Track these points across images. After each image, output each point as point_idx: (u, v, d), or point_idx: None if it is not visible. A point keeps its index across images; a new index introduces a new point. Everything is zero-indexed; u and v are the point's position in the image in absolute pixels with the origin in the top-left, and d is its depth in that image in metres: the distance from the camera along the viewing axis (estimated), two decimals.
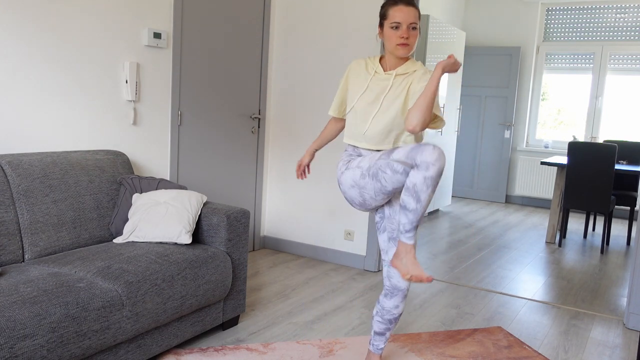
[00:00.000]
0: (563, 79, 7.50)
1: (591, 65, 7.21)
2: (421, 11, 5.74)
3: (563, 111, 7.62)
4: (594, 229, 6.14)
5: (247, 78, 4.18)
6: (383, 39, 2.23)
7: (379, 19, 2.25)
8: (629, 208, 6.07)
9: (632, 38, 6.93)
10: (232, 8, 3.94)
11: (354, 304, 3.43)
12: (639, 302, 3.24)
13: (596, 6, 7.08)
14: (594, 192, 4.99)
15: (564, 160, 5.48)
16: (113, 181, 2.89)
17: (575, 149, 5.01)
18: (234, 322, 2.98)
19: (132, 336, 2.26)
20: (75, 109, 2.99)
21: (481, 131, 7.66)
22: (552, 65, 7.49)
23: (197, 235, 2.86)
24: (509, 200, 7.74)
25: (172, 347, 2.62)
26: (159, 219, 2.65)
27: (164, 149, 3.55)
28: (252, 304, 3.32)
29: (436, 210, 6.80)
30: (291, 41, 4.33)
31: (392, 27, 2.17)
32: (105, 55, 3.10)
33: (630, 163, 5.62)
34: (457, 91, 6.77)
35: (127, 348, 2.29)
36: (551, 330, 3.20)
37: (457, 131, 6.91)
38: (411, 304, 3.48)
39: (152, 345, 2.43)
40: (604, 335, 3.17)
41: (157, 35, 3.35)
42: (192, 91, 3.71)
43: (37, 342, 1.86)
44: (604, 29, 7.08)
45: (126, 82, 3.22)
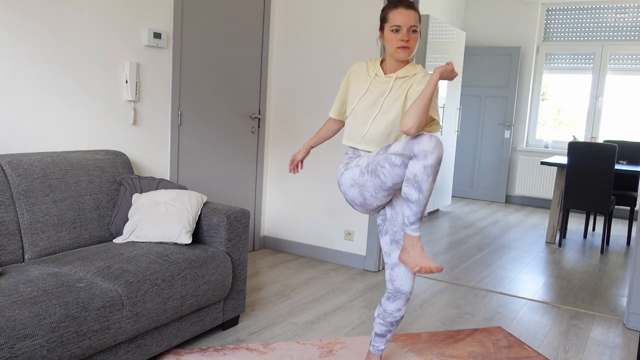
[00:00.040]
0: (563, 79, 7.50)
1: (591, 65, 7.21)
2: (421, 11, 5.74)
3: (563, 111, 7.62)
4: (594, 229, 6.14)
5: (247, 78, 4.18)
6: (384, 42, 2.23)
7: (380, 22, 2.25)
8: (629, 208, 6.07)
9: (632, 38, 6.93)
10: (232, 8, 3.94)
11: (354, 304, 3.43)
12: (639, 302, 3.24)
13: (596, 6, 7.08)
14: (594, 192, 4.99)
15: (564, 160, 5.48)
16: (113, 181, 2.89)
17: (575, 149, 5.01)
18: (234, 322, 2.98)
19: (132, 336, 2.27)
20: (75, 109, 2.99)
21: (481, 131, 7.67)
22: (552, 65, 7.49)
23: (197, 235, 2.86)
24: (509, 200, 7.74)
25: (172, 347, 2.62)
26: (159, 219, 2.66)
27: (164, 149, 3.55)
28: (252, 304, 3.32)
29: (436, 210, 6.80)
30: (291, 41, 4.34)
31: (392, 30, 2.17)
32: (105, 55, 3.10)
33: (630, 163, 5.62)
34: (457, 91, 6.77)
35: (127, 348, 2.29)
36: (551, 330, 3.20)
37: (457, 131, 6.91)
38: (411, 304, 3.48)
39: (152, 345, 2.43)
40: (604, 335, 3.17)
41: (157, 35, 3.35)
42: (192, 91, 3.71)
43: (37, 342, 1.86)
44: (604, 29, 7.08)
45: (126, 82, 3.22)
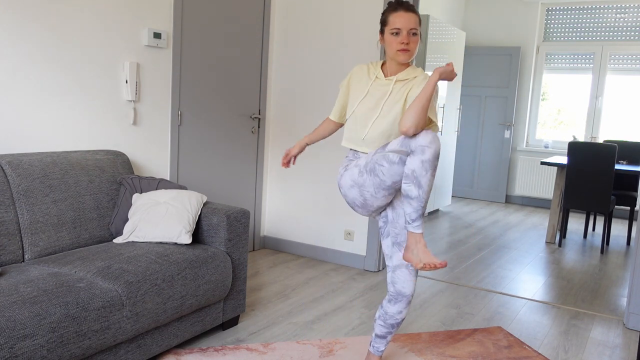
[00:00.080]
0: (563, 79, 7.50)
1: (591, 65, 7.21)
2: (421, 11, 5.74)
3: (563, 111, 7.62)
4: (594, 229, 6.14)
5: (247, 78, 4.18)
6: (384, 45, 2.24)
7: (380, 25, 2.26)
8: (629, 208, 6.07)
9: (632, 38, 6.93)
10: (232, 8, 3.94)
11: (354, 304, 3.43)
12: (639, 302, 3.24)
13: (596, 6, 7.08)
14: (594, 192, 4.99)
15: (564, 160, 5.48)
16: (113, 181, 2.89)
17: (575, 149, 5.01)
18: (234, 322, 2.98)
19: (132, 336, 2.27)
20: (75, 109, 2.99)
21: (481, 131, 7.67)
22: (552, 65, 7.49)
23: (197, 235, 2.86)
24: (509, 200, 7.74)
25: (172, 347, 2.62)
26: (159, 219, 2.66)
27: (164, 149, 3.55)
28: (252, 304, 3.32)
29: (436, 210, 6.80)
30: (291, 41, 4.34)
31: (392, 33, 2.18)
32: (105, 55, 3.10)
33: (630, 163, 5.62)
34: (457, 91, 6.77)
35: (127, 348, 2.29)
36: (551, 330, 3.20)
37: (457, 131, 6.91)
38: (411, 304, 3.48)
39: (152, 345, 2.43)
40: (604, 335, 3.17)
41: (157, 35, 3.35)
42: (192, 91, 3.71)
43: (37, 342, 1.86)
44: (604, 29, 7.08)
45: (126, 82, 3.22)
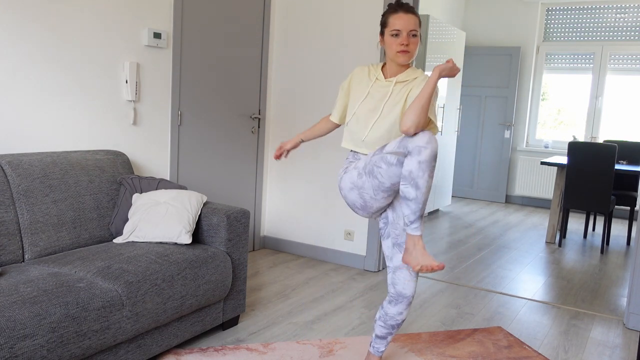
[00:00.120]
0: (563, 79, 7.50)
1: (591, 65, 7.21)
2: (421, 11, 5.74)
3: (563, 111, 7.62)
4: (594, 229, 6.14)
5: (247, 78, 4.18)
6: (384, 47, 2.25)
7: (380, 27, 2.26)
8: (629, 208, 6.07)
9: (632, 38, 6.93)
10: (232, 8, 3.94)
11: (354, 304, 3.43)
12: (639, 302, 3.24)
13: (596, 6, 7.08)
14: (594, 192, 4.99)
15: (564, 160, 5.48)
16: (113, 181, 2.89)
17: (575, 149, 5.01)
18: (234, 322, 2.98)
19: (132, 336, 2.27)
20: (75, 109, 2.99)
21: (481, 131, 7.66)
22: (552, 65, 7.49)
23: (197, 235, 2.86)
24: (509, 200, 7.74)
25: (172, 347, 2.62)
26: (159, 219, 2.66)
27: (164, 149, 3.55)
28: (252, 304, 3.32)
29: (436, 210, 6.80)
30: (291, 41, 4.34)
31: (392, 35, 2.19)
32: (105, 55, 3.10)
33: (630, 163, 5.62)
34: (457, 91, 6.77)
35: (127, 348, 2.29)
36: (551, 330, 3.20)
37: (457, 131, 6.91)
38: (411, 305, 3.48)
39: (152, 345, 2.43)
40: (604, 335, 3.17)
41: (157, 35, 3.35)
42: (192, 91, 3.71)
43: (37, 342, 1.86)
44: (604, 29, 7.08)
45: (126, 82, 3.22)
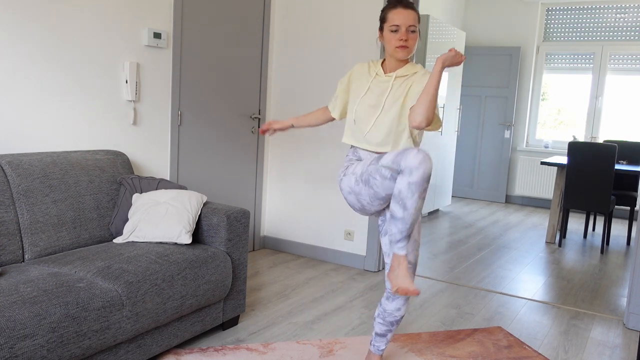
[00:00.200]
0: (563, 79, 7.50)
1: (591, 65, 7.21)
2: (421, 11, 5.74)
3: (563, 111, 7.62)
4: (594, 229, 6.14)
5: (247, 78, 4.18)
6: (383, 42, 2.26)
7: (379, 22, 2.27)
8: (629, 208, 6.07)
9: (632, 38, 6.93)
10: (232, 8, 3.94)
11: (354, 304, 3.43)
12: (639, 302, 3.24)
13: (596, 6, 7.08)
14: (594, 192, 4.99)
15: (564, 160, 5.48)
16: (113, 181, 2.89)
17: (575, 149, 5.01)
18: (234, 322, 2.98)
19: (132, 336, 2.27)
20: (75, 109, 2.99)
21: (481, 131, 7.66)
22: (552, 65, 7.49)
23: (197, 235, 2.86)
24: (509, 200, 7.74)
25: (172, 347, 2.62)
26: (159, 219, 2.66)
27: (164, 149, 3.55)
28: (252, 304, 3.32)
29: (436, 210, 6.80)
30: (291, 41, 4.34)
31: (391, 30, 2.19)
32: (105, 55, 3.10)
33: (630, 163, 5.62)
34: (457, 91, 6.77)
35: (127, 348, 2.29)
36: (551, 330, 3.20)
37: (457, 131, 6.91)
38: (411, 304, 3.48)
39: (152, 345, 2.43)
40: (604, 335, 3.17)
41: (157, 35, 3.35)
42: (192, 91, 3.71)
43: (37, 342, 1.86)
44: (604, 29, 7.08)
45: (126, 82, 3.22)
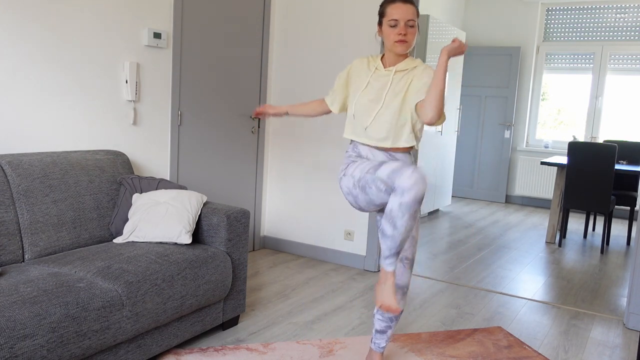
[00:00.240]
0: (563, 79, 7.50)
1: (591, 65, 7.21)
2: (421, 11, 5.74)
3: (563, 111, 7.62)
4: (594, 229, 6.14)
5: (247, 78, 4.18)
6: (382, 37, 2.27)
7: (378, 17, 2.28)
8: (629, 208, 6.07)
9: (632, 38, 6.93)
10: (232, 8, 3.94)
11: (354, 304, 3.43)
12: (639, 302, 3.24)
13: (596, 6, 7.08)
14: (594, 192, 4.99)
15: (564, 160, 5.48)
16: (113, 181, 2.89)
17: (575, 149, 5.01)
18: (234, 322, 2.98)
19: (132, 336, 2.27)
20: (75, 109, 2.99)
21: (481, 131, 7.66)
22: (552, 65, 7.49)
23: (197, 235, 2.86)
24: (509, 200, 7.74)
25: (172, 347, 2.62)
26: (159, 219, 2.66)
27: (164, 149, 3.55)
28: (252, 304, 3.32)
29: (436, 210, 6.80)
30: (291, 41, 4.34)
31: (390, 25, 2.20)
32: (105, 55, 3.10)
33: (630, 163, 5.62)
34: (457, 91, 6.77)
35: (127, 348, 2.29)
36: (551, 330, 3.20)
37: (457, 131, 6.91)
38: (411, 304, 3.48)
39: (152, 345, 2.43)
40: (604, 335, 3.17)
41: (157, 35, 3.35)
42: (192, 91, 3.71)
43: (37, 342, 1.86)
44: (604, 29, 7.08)
45: (126, 82, 3.22)
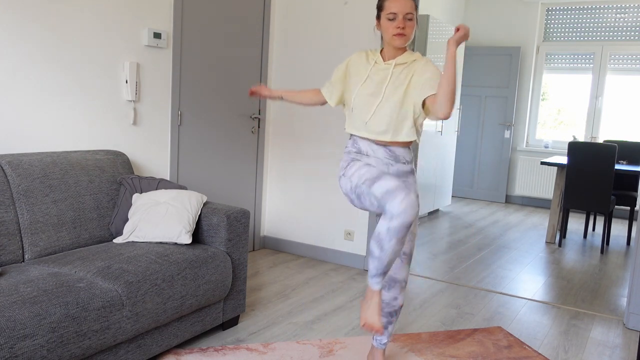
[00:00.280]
0: (563, 79, 7.50)
1: (591, 65, 7.21)
2: (421, 11, 5.74)
3: (563, 111, 7.62)
4: (594, 229, 6.14)
5: (247, 78, 4.18)
6: (380, 31, 2.26)
7: (376, 10, 2.27)
8: (629, 208, 6.07)
9: (632, 38, 6.93)
10: (232, 8, 3.94)
11: (354, 304, 3.43)
12: (639, 302, 3.24)
13: (596, 6, 7.08)
14: (594, 192, 4.99)
15: (564, 160, 5.48)
16: (113, 181, 2.89)
17: (575, 149, 5.01)
18: (234, 322, 2.98)
19: (132, 336, 2.27)
20: (75, 109, 2.99)
21: (481, 131, 7.66)
22: (552, 65, 7.49)
23: (197, 235, 2.86)
24: (509, 200, 7.74)
25: (172, 347, 2.62)
26: (159, 219, 2.66)
27: (164, 149, 3.55)
28: (252, 304, 3.32)
29: (436, 210, 6.80)
30: (291, 41, 4.33)
31: (388, 18, 2.19)
32: (105, 55, 3.10)
33: (630, 163, 5.62)
34: (457, 91, 6.76)
35: (127, 348, 2.29)
36: (551, 330, 3.20)
37: (457, 131, 6.91)
38: (411, 304, 3.48)
39: (152, 345, 2.43)
40: (604, 335, 3.17)
41: (157, 35, 3.35)
42: (192, 91, 3.71)
43: (37, 342, 1.86)
44: (604, 29, 7.08)
45: (126, 82, 3.22)
